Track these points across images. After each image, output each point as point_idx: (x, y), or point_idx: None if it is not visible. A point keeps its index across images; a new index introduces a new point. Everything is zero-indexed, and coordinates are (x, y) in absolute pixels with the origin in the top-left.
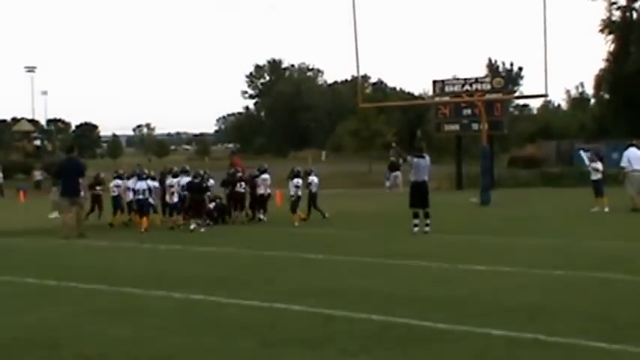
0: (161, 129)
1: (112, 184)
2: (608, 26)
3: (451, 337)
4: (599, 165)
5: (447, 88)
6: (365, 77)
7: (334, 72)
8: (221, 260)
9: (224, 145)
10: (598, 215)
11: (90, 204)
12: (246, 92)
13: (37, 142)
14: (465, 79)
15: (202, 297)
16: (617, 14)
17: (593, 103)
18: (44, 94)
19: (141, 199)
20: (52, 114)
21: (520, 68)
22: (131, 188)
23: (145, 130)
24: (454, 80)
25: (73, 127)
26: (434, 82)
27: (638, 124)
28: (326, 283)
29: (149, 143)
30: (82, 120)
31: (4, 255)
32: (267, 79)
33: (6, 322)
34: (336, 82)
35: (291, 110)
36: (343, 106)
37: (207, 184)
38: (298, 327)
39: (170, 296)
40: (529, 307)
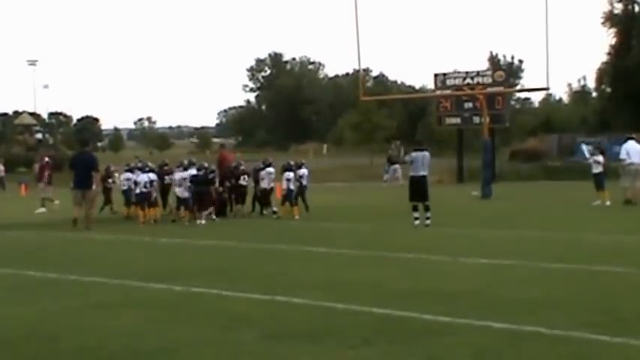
0: (162, 122)
1: (122, 178)
2: (610, 19)
3: (452, 330)
4: (601, 158)
5: (448, 82)
6: (366, 71)
7: (336, 65)
8: (222, 253)
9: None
10: (599, 208)
11: (103, 197)
12: (247, 86)
13: (39, 136)
14: (467, 73)
15: (203, 290)
16: (619, 7)
17: (594, 96)
18: (46, 87)
19: (144, 192)
20: (54, 107)
21: (521, 61)
22: (132, 180)
23: (147, 123)
24: (455, 73)
25: (75, 120)
26: (435, 76)
27: (639, 117)
28: (327, 275)
29: (150, 137)
30: (84, 113)
31: (5, 248)
32: (269, 72)
33: (7, 315)
34: (337, 76)
35: (293, 104)
36: (344, 99)
37: (212, 177)
38: (299, 319)
39: (171, 289)
40: (530, 300)
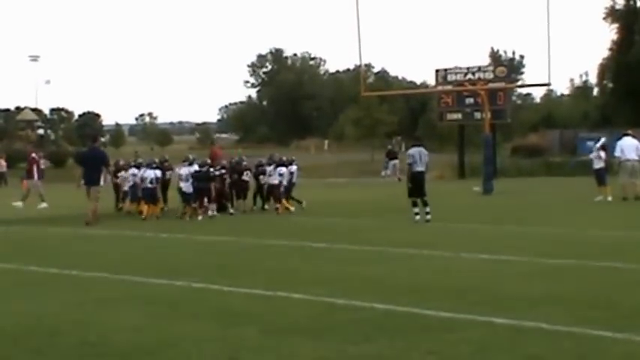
0: (163, 118)
1: (128, 173)
2: (612, 14)
3: (453, 325)
4: (602, 154)
5: (449, 77)
6: (368, 66)
7: (337, 61)
8: (223, 249)
9: (227, 134)
10: (601, 204)
11: (114, 192)
12: (248, 81)
13: (41, 131)
14: (468, 68)
15: (204, 285)
16: (621, 2)
17: (596, 91)
18: (47, 83)
19: (149, 188)
20: (56, 103)
21: (522, 57)
22: (139, 176)
23: (148, 119)
24: (457, 69)
25: (76, 116)
26: (436, 71)
27: None
28: (328, 271)
29: (151, 132)
30: (85, 109)
31: (6, 243)
32: (270, 68)
33: (9, 310)
34: (338, 72)
35: (294, 99)
36: (345, 95)
37: (213, 173)
38: (300, 315)
39: (172, 284)
40: (531, 296)
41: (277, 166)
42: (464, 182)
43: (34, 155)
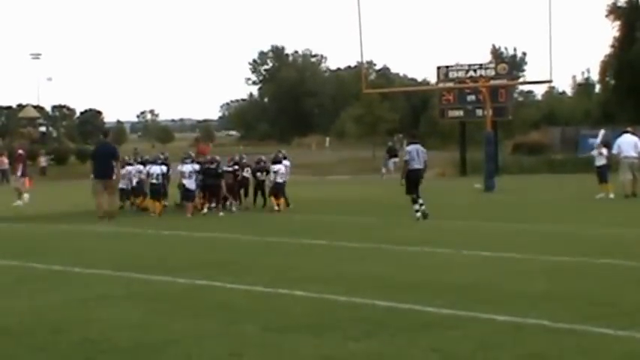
0: (165, 115)
1: (134, 170)
2: (614, 11)
3: (455, 322)
4: (604, 151)
5: (451, 74)
6: (370, 64)
7: (339, 58)
8: (225, 246)
9: (228, 131)
10: (603, 202)
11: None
12: (249, 78)
13: (43, 129)
14: (469, 65)
15: (206, 282)
16: None
17: (598, 89)
18: (49, 80)
19: (155, 184)
20: (57, 100)
21: (524, 54)
22: (144, 173)
23: (149, 116)
24: (458, 66)
25: (78, 113)
26: (438, 68)
27: None
28: (329, 268)
29: (153, 129)
30: (87, 106)
31: (10, 240)
32: (271, 65)
33: (12, 307)
34: (339, 69)
35: (295, 96)
36: (347, 92)
37: (222, 170)
38: (302, 312)
39: (175, 281)
40: (533, 293)
41: (273, 164)
42: (465, 179)
43: (21, 152)
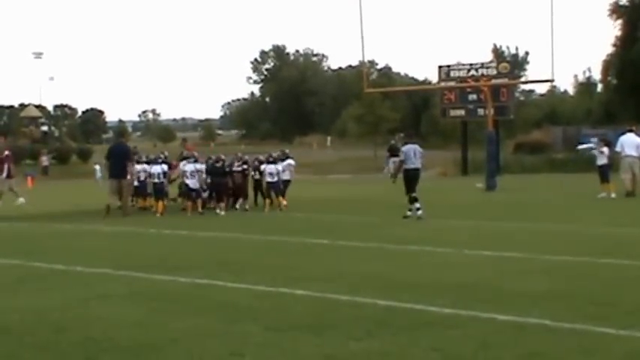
0: (166, 115)
1: (137, 169)
2: (617, 10)
3: (456, 322)
4: (606, 150)
5: (452, 74)
6: (372, 63)
7: (341, 58)
8: (226, 245)
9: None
10: (604, 201)
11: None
12: (251, 78)
13: (44, 128)
14: (471, 65)
15: (208, 281)
16: None
17: (600, 88)
18: (51, 80)
19: (157, 183)
20: (59, 100)
21: (527, 53)
22: (148, 172)
23: (151, 115)
24: (460, 65)
25: (80, 112)
26: (439, 68)
27: None
28: (330, 268)
29: (154, 129)
30: (89, 106)
31: (12, 239)
32: (272, 64)
33: (14, 305)
34: (340, 68)
35: (296, 96)
36: (348, 91)
37: (228, 169)
38: (303, 311)
39: (176, 280)
40: (535, 293)
41: (268, 164)
42: (467, 179)
43: (7, 153)
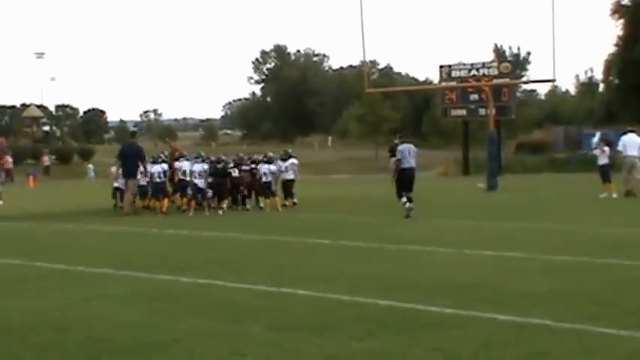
0: (168, 115)
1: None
2: (619, 10)
3: (457, 322)
4: (607, 149)
5: (453, 73)
6: (373, 63)
7: (342, 58)
8: (227, 245)
9: (231, 130)
10: (606, 201)
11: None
12: (252, 78)
13: (46, 128)
14: (472, 64)
15: (209, 281)
16: None
17: (602, 88)
18: (53, 80)
19: (158, 182)
20: (61, 100)
21: (528, 53)
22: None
23: (152, 115)
24: (461, 65)
25: (81, 112)
26: (441, 67)
27: None
28: (331, 267)
29: (156, 129)
30: (90, 106)
31: (14, 239)
32: (273, 64)
33: (16, 305)
34: (341, 68)
35: (297, 96)
36: (349, 91)
37: (230, 169)
38: (304, 311)
39: (178, 280)
40: (536, 293)
41: (265, 163)
42: (468, 179)
43: None
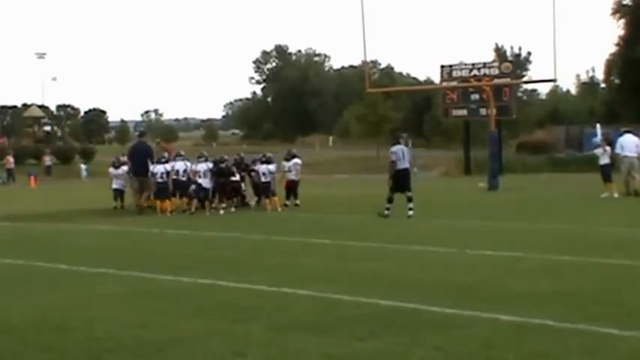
0: (169, 115)
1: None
2: (620, 10)
3: (459, 322)
4: (608, 149)
5: (454, 73)
6: (374, 63)
7: (343, 57)
8: (228, 245)
9: (231, 130)
10: (607, 201)
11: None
12: (253, 78)
13: (47, 128)
14: (473, 64)
15: (210, 281)
16: None
17: (603, 87)
18: (54, 80)
19: (161, 183)
20: (62, 100)
21: (529, 53)
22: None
23: (153, 115)
24: (462, 65)
25: (82, 112)
26: (442, 67)
27: None
28: (333, 267)
29: (157, 129)
30: (91, 106)
31: (15, 239)
32: (274, 64)
33: (18, 305)
34: (343, 68)
35: (298, 95)
36: (350, 91)
37: (233, 169)
38: (306, 311)
39: (178, 280)
40: (537, 293)
41: (263, 163)
42: (469, 179)
43: None
